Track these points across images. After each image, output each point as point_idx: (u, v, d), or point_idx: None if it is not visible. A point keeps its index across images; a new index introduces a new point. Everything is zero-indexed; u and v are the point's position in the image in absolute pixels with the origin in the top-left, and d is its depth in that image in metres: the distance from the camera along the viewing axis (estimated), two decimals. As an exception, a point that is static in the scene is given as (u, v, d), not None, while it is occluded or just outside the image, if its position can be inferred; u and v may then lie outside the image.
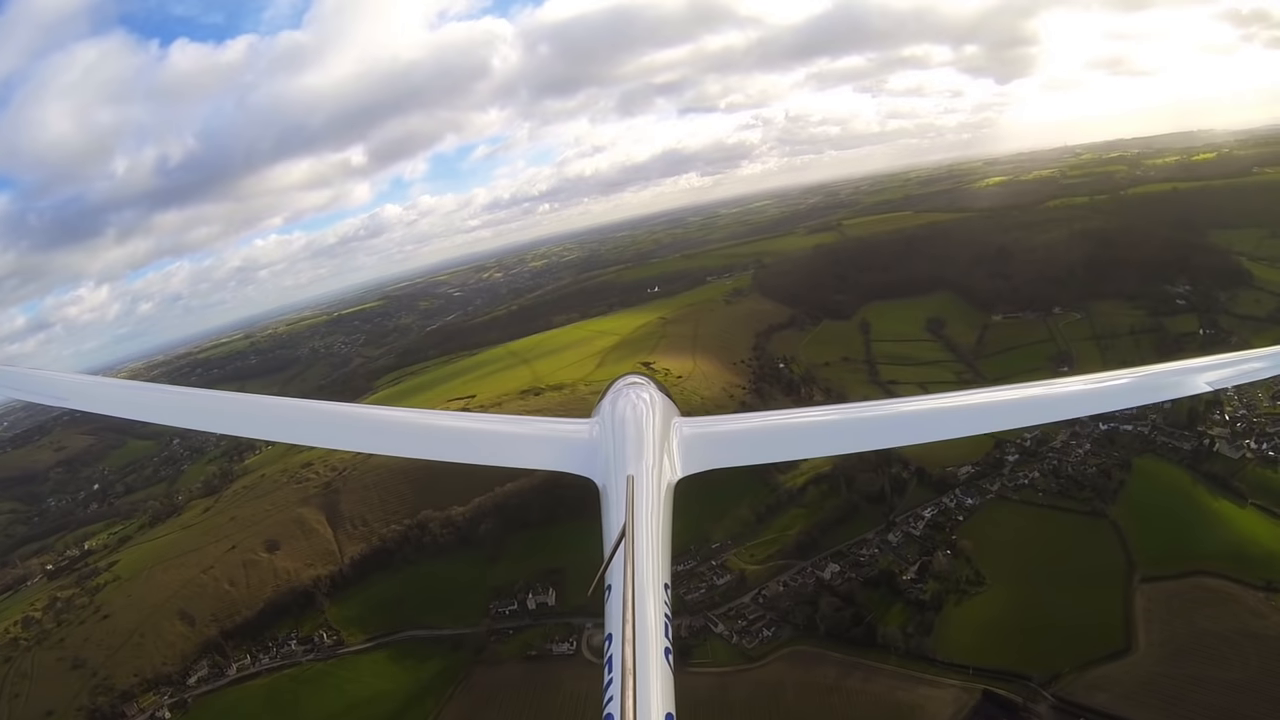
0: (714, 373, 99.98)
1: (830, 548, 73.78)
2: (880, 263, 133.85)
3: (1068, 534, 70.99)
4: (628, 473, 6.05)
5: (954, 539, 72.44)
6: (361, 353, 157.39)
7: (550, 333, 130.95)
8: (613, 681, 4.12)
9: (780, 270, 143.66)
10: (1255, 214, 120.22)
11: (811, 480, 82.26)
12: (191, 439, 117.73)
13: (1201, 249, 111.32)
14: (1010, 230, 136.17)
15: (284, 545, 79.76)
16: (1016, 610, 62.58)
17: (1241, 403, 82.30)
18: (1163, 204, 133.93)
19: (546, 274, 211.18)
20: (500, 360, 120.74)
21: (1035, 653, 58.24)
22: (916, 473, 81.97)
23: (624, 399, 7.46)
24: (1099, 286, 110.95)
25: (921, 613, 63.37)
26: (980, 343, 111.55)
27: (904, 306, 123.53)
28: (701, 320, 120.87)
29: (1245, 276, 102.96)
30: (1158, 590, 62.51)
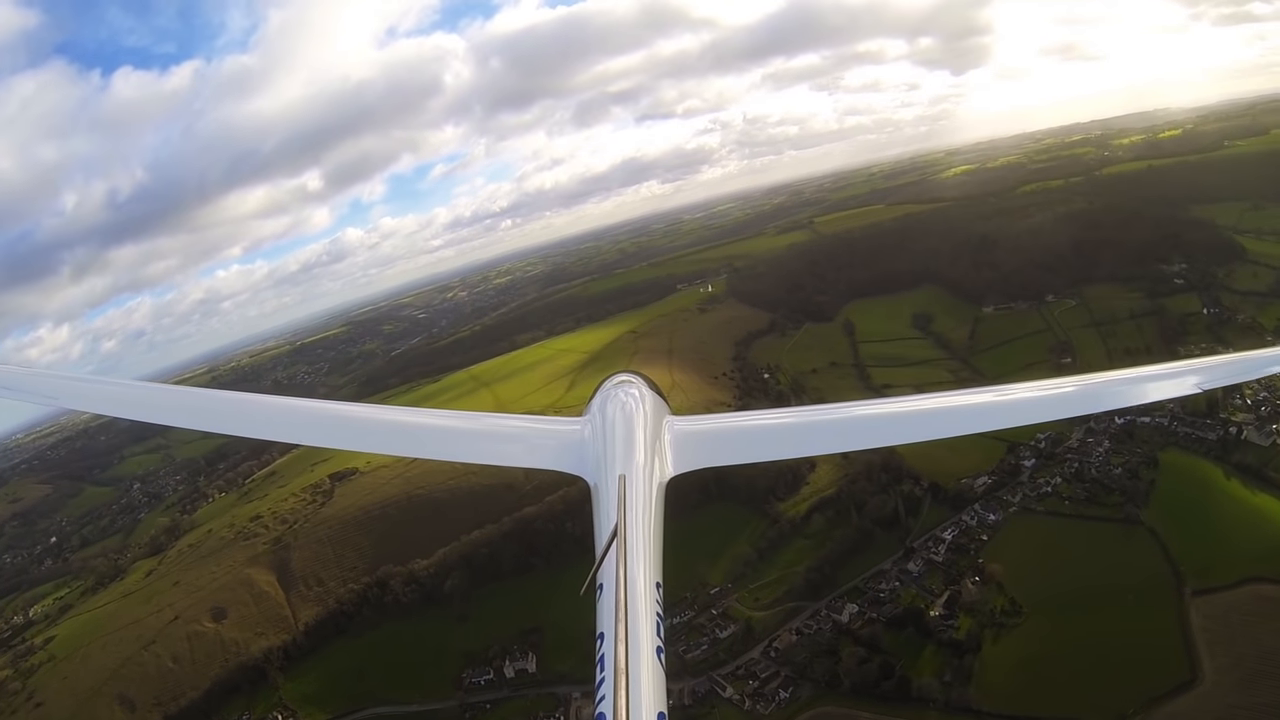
0: (695, 388, 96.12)
1: (845, 584, 68.27)
2: (858, 259, 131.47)
3: (1103, 546, 66.80)
4: (619, 471, 6.15)
5: (980, 563, 67.77)
6: (325, 382, 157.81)
7: (515, 353, 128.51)
8: (605, 681, 4.27)
9: (754, 273, 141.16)
10: (1234, 187, 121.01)
11: (815, 507, 76.85)
12: (151, 484, 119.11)
13: (1191, 225, 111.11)
14: (990, 218, 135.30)
15: (231, 612, 75.54)
16: (1062, 643, 57.79)
17: (1262, 385, 79.68)
18: (1140, 182, 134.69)
19: (511, 290, 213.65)
20: (462, 386, 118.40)
21: (1092, 693, 53.43)
22: (930, 489, 77.26)
23: (615, 397, 7.50)
24: (1091, 270, 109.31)
25: (958, 656, 57.98)
26: (973, 337, 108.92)
27: (888, 304, 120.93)
28: (675, 332, 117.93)
29: (1239, 251, 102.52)
30: (1212, 604, 58.62)
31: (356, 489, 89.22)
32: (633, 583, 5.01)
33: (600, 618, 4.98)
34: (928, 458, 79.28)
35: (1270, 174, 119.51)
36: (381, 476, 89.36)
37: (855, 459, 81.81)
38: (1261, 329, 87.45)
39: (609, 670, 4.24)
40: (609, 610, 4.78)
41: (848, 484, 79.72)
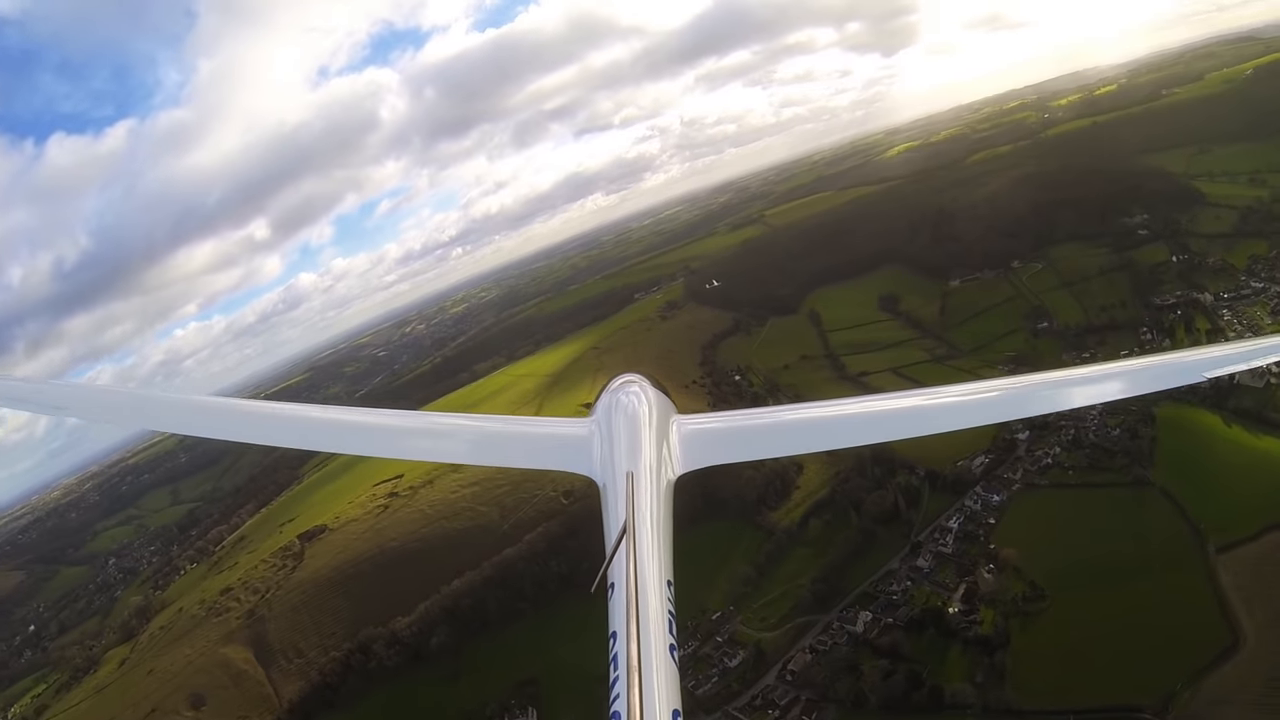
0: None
1: (854, 590, 66.00)
2: (815, 247, 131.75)
3: (1116, 513, 65.96)
4: (627, 468, 6.43)
5: (992, 548, 66.25)
6: None
7: (477, 383, 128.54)
8: (618, 679, 4.38)
9: (711, 273, 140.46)
10: (1179, 134, 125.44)
11: (809, 511, 74.57)
12: (126, 558, 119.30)
13: (1147, 175, 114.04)
14: (943, 190, 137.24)
15: (211, 697, 73.52)
16: (1093, 623, 56.15)
17: (1245, 325, 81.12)
18: (1087, 139, 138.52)
19: (468, 318, 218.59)
20: None
21: (1134, 673, 51.59)
22: (927, 477, 75.62)
23: (621, 398, 7.77)
24: (1053, 232, 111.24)
25: (987, 653, 55.98)
26: (944, 312, 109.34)
27: (851, 289, 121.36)
28: (638, 343, 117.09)
29: (1198, 195, 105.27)
30: (1239, 560, 57.94)
31: (327, 548, 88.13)
32: (643, 581, 5.14)
33: (612, 616, 5.03)
34: (919, 444, 77.34)
35: (1212, 117, 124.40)
36: (351, 532, 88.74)
37: (843, 455, 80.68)
38: (1234, 269, 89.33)
39: (622, 669, 4.38)
40: (621, 609, 4.88)
41: (840, 483, 78.02)
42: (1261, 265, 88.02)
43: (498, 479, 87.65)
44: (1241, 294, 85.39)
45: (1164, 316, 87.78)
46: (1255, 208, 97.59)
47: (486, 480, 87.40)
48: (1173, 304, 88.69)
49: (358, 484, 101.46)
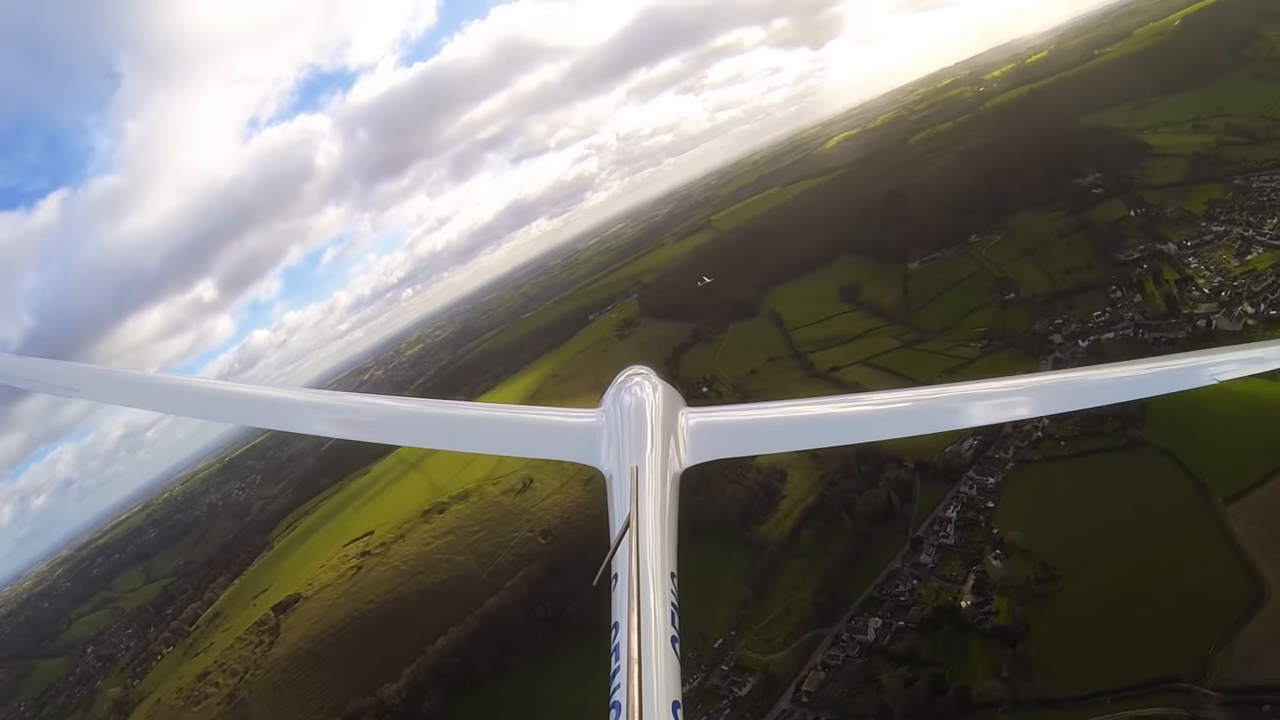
0: None
1: (859, 597, 64.95)
2: (767, 246, 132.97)
3: (1116, 479, 66.06)
4: (632, 463, 6.74)
5: (995, 533, 65.92)
6: (260, 494, 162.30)
7: None
8: (619, 670, 4.57)
9: (665, 285, 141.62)
10: (1116, 91, 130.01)
11: (800, 521, 73.50)
12: (103, 644, 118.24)
13: (1092, 135, 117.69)
14: (890, 173, 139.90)
15: None
16: (1112, 596, 55.81)
17: (1213, 270, 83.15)
18: (1027, 106, 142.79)
19: (424, 359, 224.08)
20: (392, 472, 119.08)
21: (1163, 641, 51.10)
22: (917, 469, 75.14)
23: (629, 390, 8.06)
24: (1007, 201, 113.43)
25: (1008, 645, 55.02)
26: (907, 296, 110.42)
27: (809, 284, 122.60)
28: (598, 365, 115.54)
29: (1145, 148, 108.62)
30: (1249, 508, 58.31)
31: (303, 618, 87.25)
32: (646, 573, 5.34)
33: (615, 607, 5.22)
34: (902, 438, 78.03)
35: (1146, 71, 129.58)
36: (326, 599, 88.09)
37: (827, 457, 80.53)
38: (1193, 216, 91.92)
39: (623, 659, 4.59)
40: (623, 600, 5.11)
41: (828, 487, 77.41)
42: (1220, 208, 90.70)
43: (470, 525, 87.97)
44: (1204, 240, 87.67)
45: (1130, 272, 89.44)
46: (1203, 153, 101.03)
47: (459, 528, 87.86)
48: (1137, 258, 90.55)
49: (328, 545, 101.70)
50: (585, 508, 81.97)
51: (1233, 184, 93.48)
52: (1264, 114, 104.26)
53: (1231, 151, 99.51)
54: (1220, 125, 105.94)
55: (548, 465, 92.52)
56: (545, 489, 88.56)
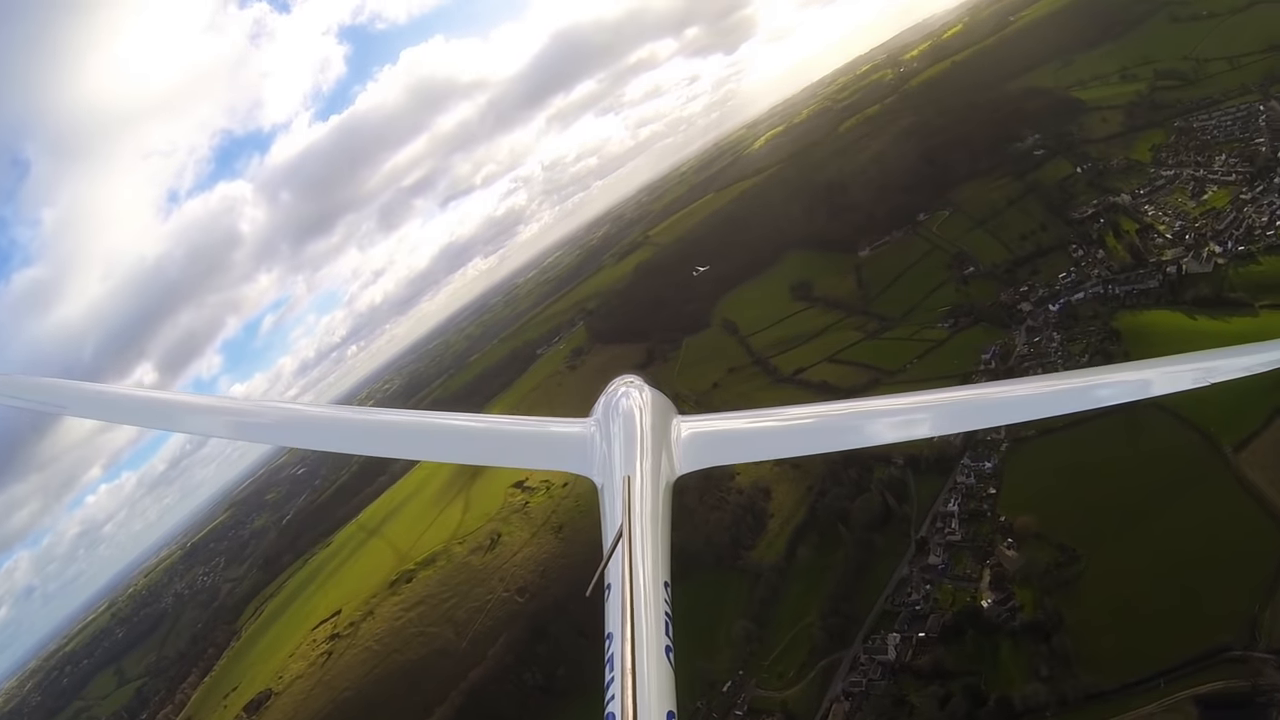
0: None
1: (871, 613, 63.01)
2: (710, 252, 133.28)
3: (1118, 442, 65.08)
4: (624, 472, 6.95)
5: (1004, 521, 64.85)
6: (226, 576, 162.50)
7: (397, 485, 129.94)
8: (614, 680, 4.74)
9: (610, 309, 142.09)
10: (1037, 54, 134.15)
11: (793, 539, 71.46)
12: None
13: (1024, 97, 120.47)
14: (826, 163, 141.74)
15: None
16: (1141, 568, 54.92)
17: (1172, 215, 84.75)
18: (952, 79, 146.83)
19: None
20: (354, 540, 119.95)
21: (1204, 608, 50.00)
22: (908, 465, 73.81)
23: (621, 398, 8.37)
24: (950, 175, 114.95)
25: (1043, 640, 53.06)
26: (861, 285, 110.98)
27: (758, 286, 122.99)
28: (553, 401, 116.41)
29: (1079, 104, 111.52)
30: (1260, 452, 58.40)
31: (277, 716, 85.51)
32: (640, 582, 5.52)
33: (608, 618, 5.36)
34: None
35: (1064, 30, 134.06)
36: (299, 691, 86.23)
37: (811, 469, 79.28)
38: (1141, 164, 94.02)
39: (617, 670, 4.75)
40: (617, 610, 5.24)
41: (816, 498, 75.63)
42: (1166, 152, 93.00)
43: (441, 592, 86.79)
44: (1156, 185, 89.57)
45: (1088, 228, 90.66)
46: (1138, 101, 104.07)
47: (430, 596, 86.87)
48: (1092, 214, 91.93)
49: (295, 630, 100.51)
50: (560, 558, 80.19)
51: (1174, 127, 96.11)
52: (1188, 55, 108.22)
53: (1165, 95, 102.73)
54: (1149, 72, 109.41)
55: (514, 517, 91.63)
56: (515, 542, 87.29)
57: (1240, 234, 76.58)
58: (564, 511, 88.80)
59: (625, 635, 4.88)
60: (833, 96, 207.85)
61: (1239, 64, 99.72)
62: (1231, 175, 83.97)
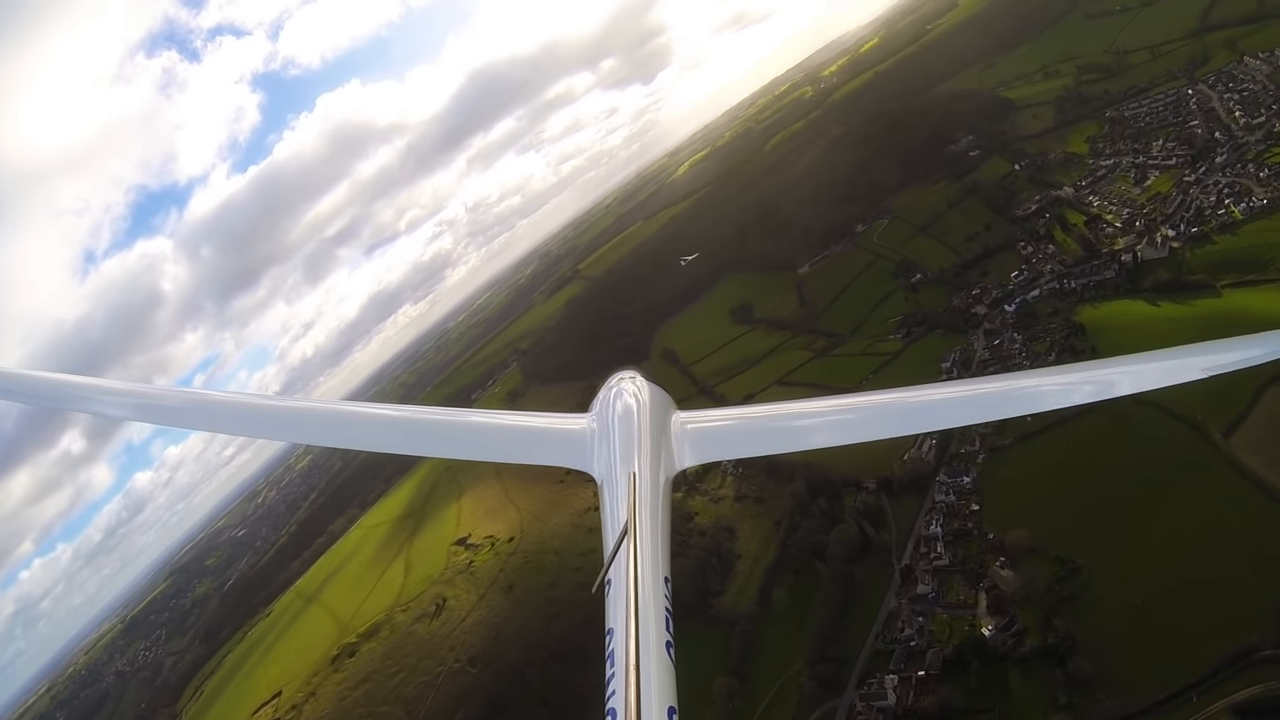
0: (546, 507, 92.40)
1: (862, 654, 59.67)
2: (644, 282, 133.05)
3: (1100, 440, 63.98)
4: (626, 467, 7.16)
5: (993, 539, 62.58)
6: (168, 650, 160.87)
7: (335, 548, 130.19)
8: (615, 675, 4.94)
9: (544, 347, 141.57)
10: (958, 59, 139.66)
11: (765, 581, 67.75)
12: None
13: (952, 100, 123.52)
14: (756, 182, 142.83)
15: None
16: (1149, 574, 52.58)
17: (1118, 203, 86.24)
18: (877, 89, 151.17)
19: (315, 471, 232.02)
20: (293, 608, 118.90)
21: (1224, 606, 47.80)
22: (880, 488, 71.50)
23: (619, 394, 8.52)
24: (885, 184, 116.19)
25: (1056, 664, 50.23)
26: (804, 303, 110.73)
27: (698, 312, 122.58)
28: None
29: (1008, 103, 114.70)
30: (1251, 436, 57.47)
31: None
32: (642, 578, 5.68)
33: (610, 613, 5.57)
34: (851, 456, 75.80)
35: (983, 34, 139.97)
36: None
37: (773, 501, 76.52)
38: (1079, 156, 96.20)
39: (619, 665, 4.94)
40: (619, 605, 5.46)
41: (786, 534, 72.39)
42: (1102, 142, 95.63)
43: (388, 667, 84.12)
44: (1097, 176, 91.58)
45: (1034, 224, 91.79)
46: (1066, 96, 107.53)
47: (376, 672, 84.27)
48: (1036, 209, 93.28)
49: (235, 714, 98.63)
50: (513, 621, 77.79)
51: (1105, 117, 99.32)
52: (1108, 49, 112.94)
53: (1092, 88, 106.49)
54: (1071, 68, 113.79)
55: (459, 579, 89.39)
56: (462, 606, 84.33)
57: (1190, 216, 78.02)
58: (512, 569, 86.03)
59: (628, 630, 5.05)
60: (754, 118, 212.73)
61: (1160, 53, 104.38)
62: (1172, 159, 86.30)
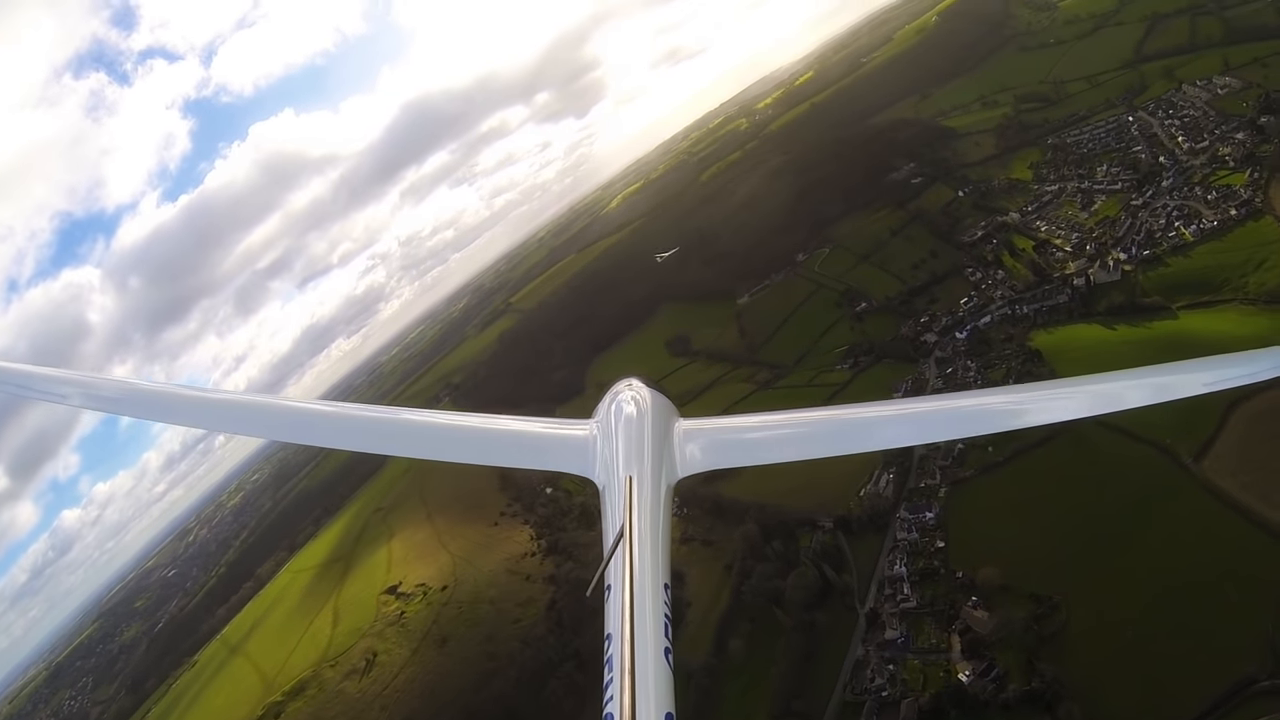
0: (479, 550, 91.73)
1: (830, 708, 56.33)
2: (578, 315, 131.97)
3: (1067, 468, 63.42)
4: (626, 473, 7.34)
5: (962, 577, 60.42)
6: (95, 699, 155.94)
7: (264, 592, 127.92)
8: (612, 681, 5.04)
9: (477, 381, 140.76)
10: (895, 90, 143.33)
11: (720, 631, 64.09)
12: None
13: (892, 128, 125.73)
14: (693, 212, 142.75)
15: None
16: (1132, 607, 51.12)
17: (1066, 228, 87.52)
18: (816, 119, 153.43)
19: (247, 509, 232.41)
20: (218, 659, 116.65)
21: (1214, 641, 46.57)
22: (837, 526, 69.63)
23: (623, 400, 8.75)
24: (826, 212, 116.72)
25: (1044, 709, 48.02)
26: (744, 334, 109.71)
27: (633, 345, 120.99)
28: (424, 487, 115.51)
29: (949, 131, 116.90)
30: (1223, 458, 57.11)
31: None
32: (640, 584, 5.81)
33: (608, 619, 5.64)
34: (803, 494, 74.38)
35: (919, 66, 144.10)
36: None
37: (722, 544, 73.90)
38: (1023, 183, 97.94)
39: (616, 671, 5.02)
40: (617, 611, 5.50)
41: (740, 580, 69.51)
42: (1046, 169, 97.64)
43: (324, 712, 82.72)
44: (1043, 201, 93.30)
45: (981, 250, 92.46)
46: (1006, 124, 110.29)
47: None
48: (982, 235, 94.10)
49: None
50: (447, 677, 75.20)
51: (1048, 144, 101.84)
52: (1044, 79, 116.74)
53: (1032, 116, 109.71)
54: (1009, 98, 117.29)
55: (390, 631, 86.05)
56: (394, 662, 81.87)
57: (1141, 239, 79.32)
58: (446, 621, 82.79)
59: (625, 636, 5.10)
60: (688, 150, 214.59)
61: (1097, 82, 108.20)
62: (1118, 184, 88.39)
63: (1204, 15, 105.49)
